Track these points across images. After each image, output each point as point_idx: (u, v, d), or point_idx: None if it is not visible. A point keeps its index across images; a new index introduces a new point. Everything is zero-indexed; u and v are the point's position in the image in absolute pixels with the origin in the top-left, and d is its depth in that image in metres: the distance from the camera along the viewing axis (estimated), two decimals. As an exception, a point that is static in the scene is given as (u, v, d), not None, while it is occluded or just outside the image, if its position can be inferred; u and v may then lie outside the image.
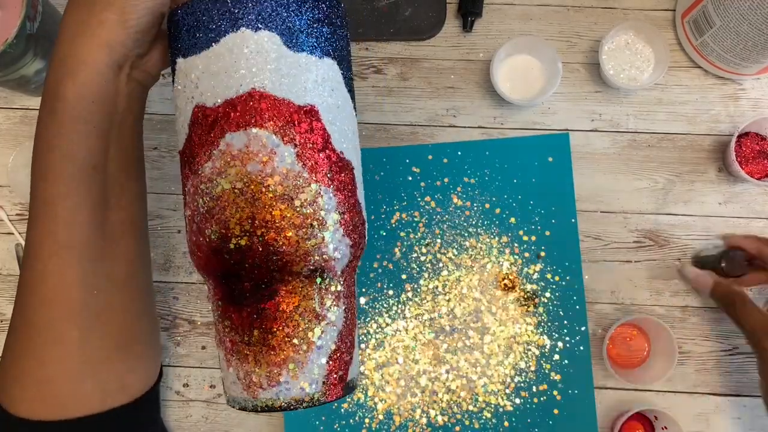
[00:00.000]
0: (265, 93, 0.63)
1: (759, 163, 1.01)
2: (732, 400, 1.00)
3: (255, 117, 0.63)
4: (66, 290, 0.73)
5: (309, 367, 0.66)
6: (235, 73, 0.63)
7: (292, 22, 0.63)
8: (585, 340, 1.00)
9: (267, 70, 0.63)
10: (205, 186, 0.65)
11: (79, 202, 0.71)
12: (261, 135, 0.63)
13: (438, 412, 0.98)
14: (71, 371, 0.76)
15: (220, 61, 0.64)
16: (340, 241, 0.66)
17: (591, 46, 1.07)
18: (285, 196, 0.63)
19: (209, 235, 0.65)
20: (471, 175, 1.03)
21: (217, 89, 0.65)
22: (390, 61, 1.07)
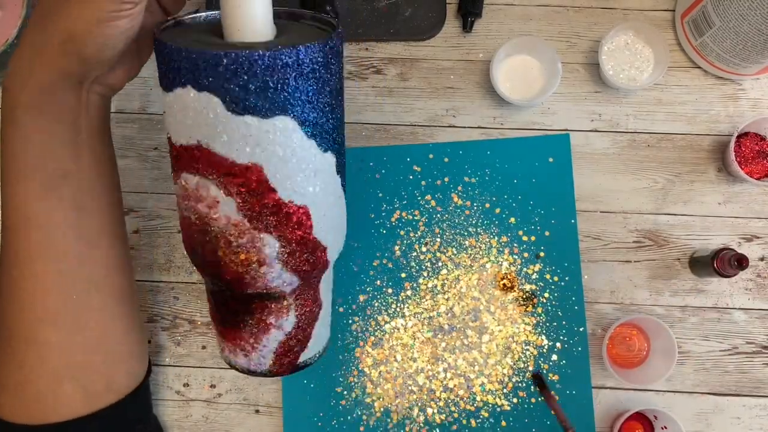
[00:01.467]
0: (207, 149, 0.66)
1: (758, 163, 1.01)
2: (732, 400, 1.00)
3: (200, 167, 0.68)
4: (43, 295, 0.74)
5: (256, 355, 0.80)
6: (185, 124, 0.67)
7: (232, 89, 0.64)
8: (583, 340, 1.00)
9: (208, 128, 0.66)
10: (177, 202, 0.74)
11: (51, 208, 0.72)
12: (207, 184, 0.68)
13: (435, 411, 0.98)
14: (51, 374, 0.77)
15: (175, 107, 0.67)
16: (281, 275, 0.73)
17: (591, 46, 1.07)
18: (226, 239, 0.70)
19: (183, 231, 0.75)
20: (471, 175, 1.03)
21: (176, 131, 0.69)
22: (390, 61, 1.07)
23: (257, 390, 1.01)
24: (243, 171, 0.66)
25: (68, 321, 0.76)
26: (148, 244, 1.04)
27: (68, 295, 0.75)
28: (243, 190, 0.67)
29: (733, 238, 1.02)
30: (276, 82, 0.64)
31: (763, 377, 0.99)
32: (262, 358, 0.80)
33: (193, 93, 0.65)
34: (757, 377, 0.99)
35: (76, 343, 0.77)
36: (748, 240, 1.02)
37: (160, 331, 1.03)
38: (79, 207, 0.74)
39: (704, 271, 0.98)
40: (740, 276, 1.01)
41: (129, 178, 1.05)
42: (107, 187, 0.78)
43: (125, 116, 1.07)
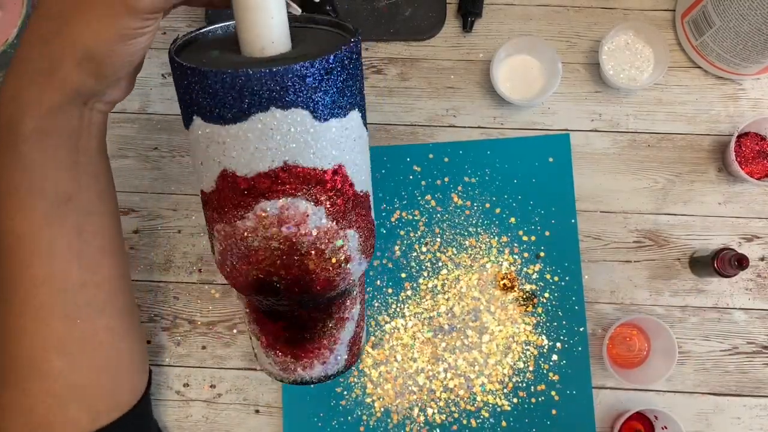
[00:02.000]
0: (295, 166, 0.65)
1: (759, 163, 1.01)
2: (732, 400, 0.99)
3: (287, 187, 0.66)
4: (46, 322, 0.73)
5: (335, 355, 0.79)
6: (267, 149, 0.64)
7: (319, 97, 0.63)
8: (583, 340, 1.00)
9: (297, 145, 0.64)
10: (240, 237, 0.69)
11: (55, 235, 0.70)
12: (294, 203, 0.66)
13: (436, 411, 0.98)
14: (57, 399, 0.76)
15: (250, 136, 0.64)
16: (361, 265, 0.73)
17: (591, 46, 1.07)
18: (318, 249, 0.68)
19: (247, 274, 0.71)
20: (472, 175, 1.03)
21: (248, 162, 0.65)
22: (390, 61, 1.07)
23: (257, 390, 1.01)
24: (331, 176, 0.66)
25: (73, 346, 0.75)
26: (148, 244, 1.04)
27: (72, 321, 0.74)
28: (332, 195, 0.67)
29: (734, 238, 1.02)
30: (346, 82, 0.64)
31: (764, 377, 0.99)
32: (338, 356, 0.80)
33: (279, 113, 0.62)
34: (758, 377, 0.99)
35: (81, 367, 0.76)
36: (748, 240, 1.02)
37: (160, 331, 1.03)
38: (80, 231, 0.72)
39: (704, 271, 0.98)
40: (740, 276, 1.01)
41: (129, 178, 1.05)
42: (107, 207, 0.77)
43: (125, 116, 1.07)
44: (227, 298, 1.03)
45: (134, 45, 0.61)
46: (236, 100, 0.62)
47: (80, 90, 0.64)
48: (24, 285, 0.72)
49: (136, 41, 0.60)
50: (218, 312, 1.03)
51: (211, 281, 1.03)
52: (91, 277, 0.75)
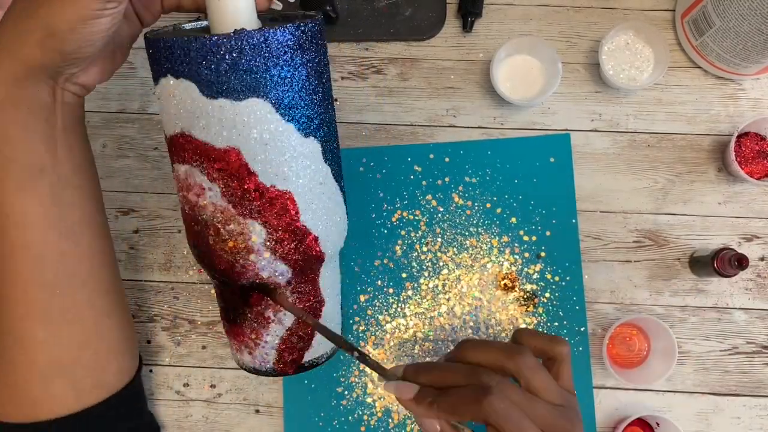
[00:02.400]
0: (189, 135, 0.69)
1: (758, 163, 1.01)
2: (732, 400, 1.00)
3: (186, 155, 0.71)
4: (26, 290, 0.74)
5: (261, 351, 0.81)
6: (170, 113, 0.70)
7: (204, 73, 0.66)
8: (584, 340, 1.00)
9: (188, 115, 0.68)
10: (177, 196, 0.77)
11: (29, 203, 0.72)
12: (193, 172, 0.71)
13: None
14: (40, 372, 0.77)
15: (162, 98, 0.71)
16: (271, 264, 0.74)
17: (591, 46, 1.07)
18: (215, 226, 0.72)
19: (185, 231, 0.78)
20: (472, 175, 1.03)
21: (165, 123, 0.72)
22: (390, 61, 1.07)
23: (257, 390, 1.01)
24: (222, 155, 0.68)
25: (54, 317, 0.76)
26: (148, 244, 1.04)
27: (52, 291, 0.75)
28: (224, 175, 0.69)
29: (733, 238, 1.02)
30: (245, 64, 0.66)
31: (763, 377, 1.00)
32: (266, 354, 0.81)
33: (173, 81, 0.68)
34: (757, 377, 1.00)
35: (63, 339, 0.77)
36: (748, 240, 1.02)
37: (160, 331, 1.02)
38: (56, 201, 0.73)
39: (704, 271, 0.98)
40: (740, 276, 1.01)
41: (129, 178, 1.05)
42: (86, 182, 0.78)
43: (125, 116, 1.06)
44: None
45: (95, 25, 0.65)
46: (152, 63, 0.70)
47: (45, 65, 0.67)
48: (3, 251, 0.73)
49: (98, 22, 0.65)
50: (218, 312, 1.02)
51: (211, 281, 1.03)
52: (72, 247, 0.76)
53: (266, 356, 0.81)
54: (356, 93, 1.07)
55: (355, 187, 1.02)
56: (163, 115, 0.72)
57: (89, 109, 1.04)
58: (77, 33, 0.64)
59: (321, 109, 0.73)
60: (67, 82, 0.72)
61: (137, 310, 1.03)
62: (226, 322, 0.83)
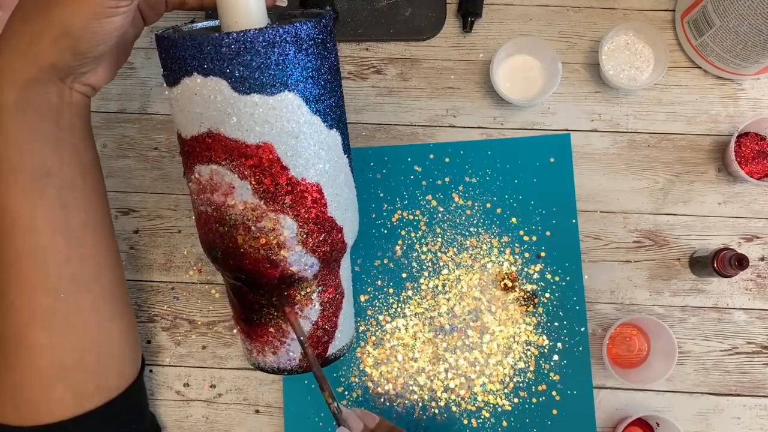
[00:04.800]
0: (218, 134, 0.68)
1: (758, 163, 1.01)
2: (732, 400, 1.00)
3: (212, 154, 0.69)
4: (30, 296, 0.74)
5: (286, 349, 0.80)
6: (194, 113, 0.69)
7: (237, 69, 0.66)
8: (584, 340, 1.00)
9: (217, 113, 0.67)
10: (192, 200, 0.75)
11: (36, 207, 0.71)
12: (221, 171, 0.69)
13: (436, 411, 0.98)
14: (42, 376, 0.76)
15: (183, 99, 0.69)
16: (302, 258, 0.73)
17: (591, 46, 1.07)
18: (245, 225, 0.71)
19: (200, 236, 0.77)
20: (472, 175, 1.03)
21: (185, 125, 0.71)
22: (390, 61, 1.07)
23: (257, 390, 1.01)
24: (255, 151, 0.68)
25: (58, 322, 0.75)
26: (148, 244, 1.04)
27: (56, 295, 0.74)
28: (257, 171, 0.68)
29: (733, 238, 1.02)
30: (278, 58, 0.66)
31: (763, 377, 1.00)
32: (291, 353, 0.81)
33: (200, 79, 0.67)
34: (757, 377, 1.00)
35: (66, 344, 0.77)
36: (748, 240, 1.02)
37: (160, 331, 1.03)
38: (63, 205, 0.73)
39: (704, 271, 0.98)
40: (740, 276, 1.01)
41: (129, 178, 1.05)
42: (91, 184, 0.78)
43: (125, 116, 1.06)
44: (227, 298, 1.03)
45: (108, 24, 0.65)
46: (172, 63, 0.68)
47: (56, 64, 0.67)
48: (8, 259, 0.73)
49: (111, 20, 0.65)
50: (218, 312, 1.03)
51: (211, 281, 1.03)
52: (76, 250, 0.75)
53: (292, 354, 0.81)
54: (356, 93, 1.07)
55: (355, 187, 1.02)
56: (181, 116, 0.71)
57: (89, 109, 1.05)
58: (91, 31, 0.65)
59: (340, 102, 0.74)
60: (76, 82, 0.72)
61: (137, 310, 1.03)
62: (245, 324, 0.82)
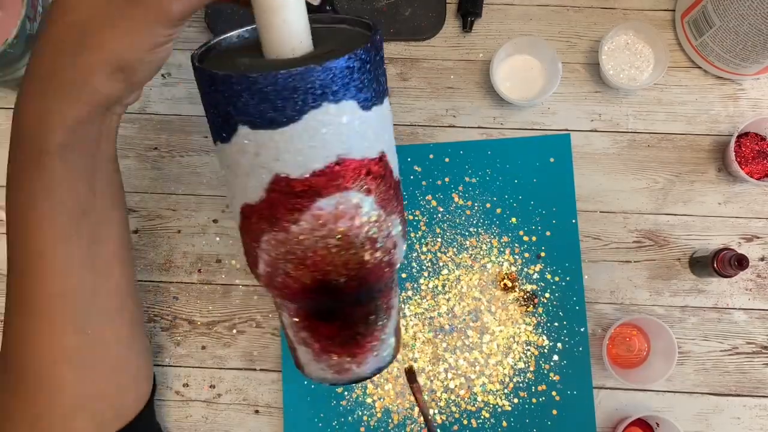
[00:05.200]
0: (348, 159, 0.64)
1: (758, 163, 1.01)
2: (732, 400, 1.00)
3: (342, 182, 0.65)
4: (59, 335, 0.72)
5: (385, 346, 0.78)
6: (321, 146, 0.64)
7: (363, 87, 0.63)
8: (584, 340, 1.00)
9: (349, 137, 0.64)
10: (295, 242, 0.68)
11: (71, 250, 0.69)
12: (349, 196, 0.66)
13: (436, 411, 0.98)
14: (64, 409, 0.75)
15: (304, 136, 0.63)
16: (402, 248, 0.72)
17: (591, 46, 1.07)
18: (371, 240, 0.68)
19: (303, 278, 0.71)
20: (472, 175, 1.03)
21: (303, 162, 0.64)
22: (390, 61, 1.07)
23: (257, 390, 1.01)
24: (377, 163, 0.66)
25: (84, 357, 0.74)
26: (148, 244, 1.04)
27: (83, 332, 0.73)
28: (380, 182, 0.67)
29: (733, 238, 1.02)
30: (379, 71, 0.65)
31: (763, 377, 1.00)
32: (388, 347, 0.79)
33: (332, 107, 0.62)
34: (757, 377, 1.00)
35: (90, 378, 0.76)
36: (748, 240, 1.02)
37: (160, 331, 1.03)
38: (95, 241, 0.71)
39: (704, 271, 0.98)
40: (740, 276, 1.01)
41: (129, 178, 1.05)
42: (119, 214, 0.76)
43: (125, 116, 1.06)
44: (227, 298, 1.03)
45: (163, 52, 0.61)
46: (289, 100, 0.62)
47: (109, 98, 0.63)
48: (40, 301, 0.71)
49: (165, 48, 0.61)
50: (218, 312, 1.03)
51: (211, 281, 1.03)
52: (103, 283, 0.74)
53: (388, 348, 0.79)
54: (356, 93, 1.06)
55: (354, 188, 1.02)
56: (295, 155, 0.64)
57: (89, 109, 1.05)
58: (149, 63, 0.61)
59: None
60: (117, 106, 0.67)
61: (137, 310, 1.03)
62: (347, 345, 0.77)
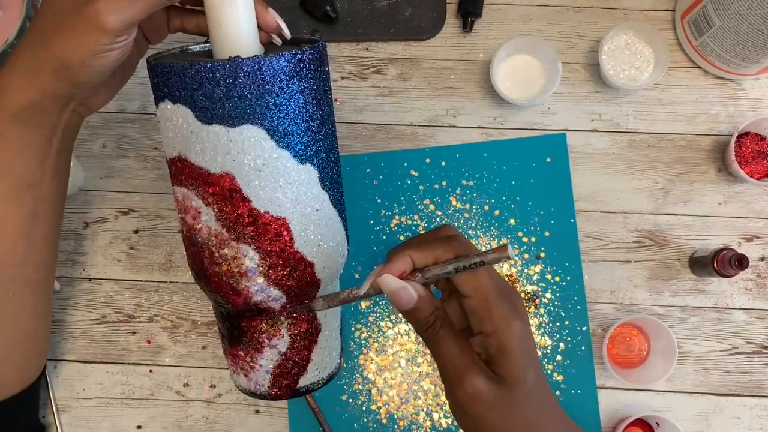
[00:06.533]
0: (186, 160, 0.70)
1: (758, 163, 1.01)
2: (732, 400, 1.00)
3: (183, 178, 0.71)
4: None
5: (255, 376, 0.81)
6: (168, 137, 0.71)
7: (200, 99, 0.67)
8: (586, 340, 1.00)
9: (184, 139, 0.69)
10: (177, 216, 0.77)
11: (9, 215, 0.75)
12: (189, 195, 0.71)
13: (441, 415, 0.98)
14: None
15: (161, 121, 0.72)
16: (264, 289, 0.73)
17: (591, 46, 1.07)
18: (209, 249, 0.72)
19: None
20: (469, 178, 1.03)
21: (164, 145, 0.73)
22: (390, 61, 1.07)
23: (258, 391, 1.01)
24: (216, 180, 0.69)
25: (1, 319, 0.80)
26: (148, 244, 1.04)
27: (6, 294, 0.78)
28: (219, 199, 0.70)
29: (733, 238, 1.02)
30: (240, 91, 0.66)
31: (763, 377, 1.00)
32: (261, 378, 0.81)
33: (170, 105, 0.69)
34: (757, 377, 1.00)
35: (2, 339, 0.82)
36: (748, 240, 1.02)
37: (160, 331, 1.03)
38: (34, 215, 0.77)
39: (704, 271, 0.98)
40: (740, 276, 1.01)
41: (129, 178, 1.05)
42: (60, 199, 0.82)
43: (125, 116, 1.06)
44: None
45: (105, 59, 0.67)
46: (153, 87, 0.71)
47: (58, 93, 0.70)
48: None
49: (107, 55, 0.67)
50: (219, 313, 1.03)
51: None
52: (34, 256, 0.80)
53: (261, 380, 0.81)
54: (356, 93, 1.06)
55: (352, 194, 1.02)
56: (162, 138, 0.74)
57: (89, 109, 1.05)
58: (89, 66, 0.67)
59: (319, 136, 0.72)
60: (78, 105, 0.75)
61: (137, 310, 1.03)
62: (225, 341, 0.83)
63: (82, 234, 1.04)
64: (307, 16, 1.06)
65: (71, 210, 1.04)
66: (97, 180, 1.05)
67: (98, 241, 1.04)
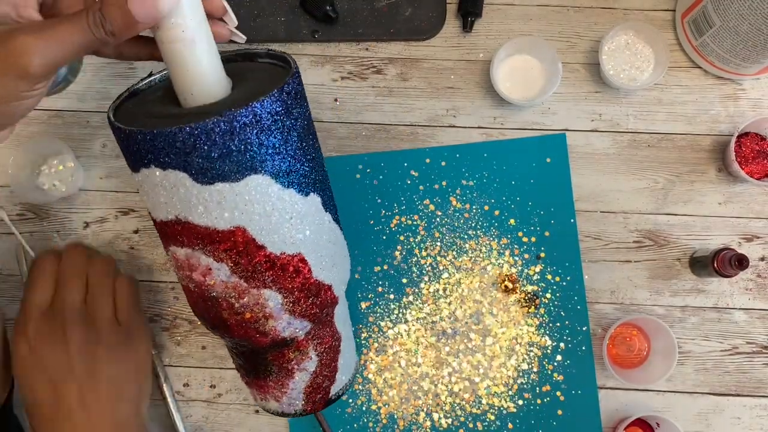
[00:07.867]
0: (187, 222, 0.66)
1: (759, 163, 1.01)
2: (732, 400, 1.00)
3: (184, 240, 0.68)
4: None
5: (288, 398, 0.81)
6: (159, 202, 0.67)
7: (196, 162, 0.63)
8: (587, 340, 1.00)
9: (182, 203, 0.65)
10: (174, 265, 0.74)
11: None
12: (196, 254, 0.68)
13: (441, 415, 0.98)
14: None
15: (146, 186, 0.67)
16: (291, 323, 0.73)
17: (591, 46, 1.07)
18: (228, 302, 0.70)
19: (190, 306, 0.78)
20: (469, 178, 1.03)
21: (153, 208, 0.69)
22: (390, 61, 1.07)
23: (258, 391, 1.01)
24: (227, 236, 0.66)
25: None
26: (148, 244, 1.04)
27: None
28: (232, 254, 0.67)
29: (733, 238, 1.03)
30: (239, 145, 0.63)
31: (763, 377, 1.00)
32: (293, 400, 0.81)
33: (159, 172, 0.64)
34: (757, 377, 1.00)
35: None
36: (748, 240, 1.02)
37: (160, 331, 1.03)
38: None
39: (704, 271, 0.98)
40: (740, 276, 1.01)
41: (129, 178, 1.05)
42: None
43: (124, 117, 1.06)
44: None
45: (20, 106, 0.62)
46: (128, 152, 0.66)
47: None
48: None
49: (23, 103, 0.62)
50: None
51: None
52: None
53: (294, 401, 0.81)
54: (356, 93, 1.06)
55: (352, 195, 1.02)
56: (148, 201, 0.70)
57: (89, 108, 1.05)
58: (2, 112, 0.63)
59: (316, 162, 0.71)
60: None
61: (137, 311, 1.03)
62: (245, 376, 0.82)
63: (82, 234, 1.04)
64: (307, 16, 1.05)
65: (71, 210, 1.04)
66: (97, 180, 1.05)
67: (98, 241, 1.04)
